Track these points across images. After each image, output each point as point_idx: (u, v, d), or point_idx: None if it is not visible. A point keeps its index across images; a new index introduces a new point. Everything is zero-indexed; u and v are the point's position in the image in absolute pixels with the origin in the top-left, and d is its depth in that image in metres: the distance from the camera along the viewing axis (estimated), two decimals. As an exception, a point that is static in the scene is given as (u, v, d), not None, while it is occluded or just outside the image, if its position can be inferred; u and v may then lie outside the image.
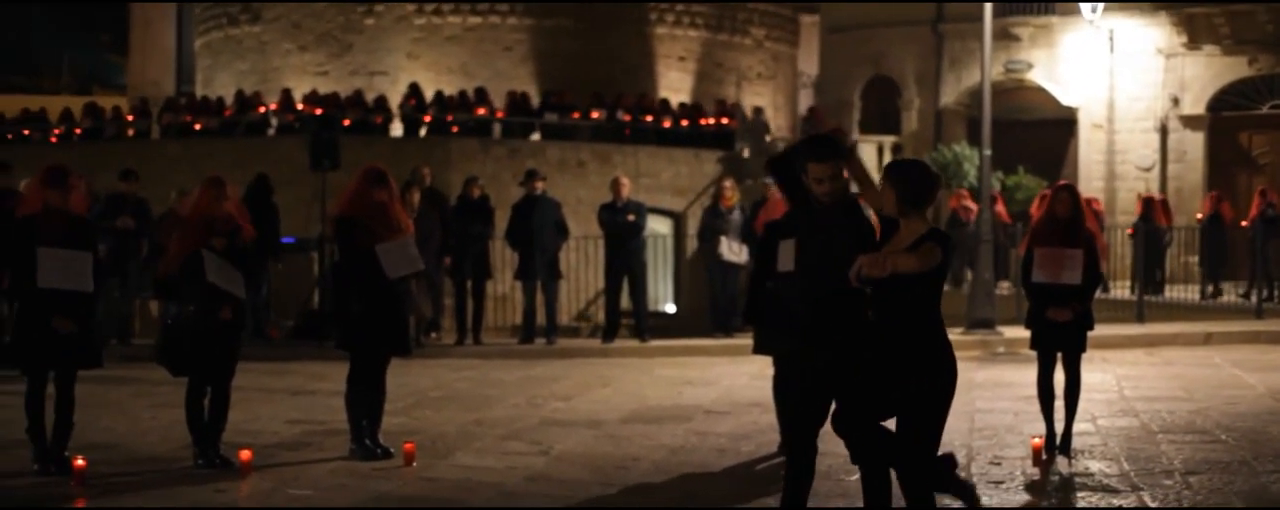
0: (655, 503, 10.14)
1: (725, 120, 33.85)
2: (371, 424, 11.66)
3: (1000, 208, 28.95)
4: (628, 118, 33.32)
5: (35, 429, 10.84)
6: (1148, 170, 34.49)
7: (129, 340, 19.37)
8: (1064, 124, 35.99)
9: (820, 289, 8.33)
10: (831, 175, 8.33)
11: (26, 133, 36.89)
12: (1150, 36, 34.83)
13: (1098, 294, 12.88)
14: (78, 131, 36.04)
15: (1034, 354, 12.03)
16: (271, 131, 33.44)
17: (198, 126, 34.36)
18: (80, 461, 10.47)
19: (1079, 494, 10.16)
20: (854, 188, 8.60)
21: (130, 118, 36.49)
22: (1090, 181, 34.42)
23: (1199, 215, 28.45)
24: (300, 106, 33.41)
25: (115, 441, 12.45)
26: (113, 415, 13.93)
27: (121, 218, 19.56)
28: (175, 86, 45.78)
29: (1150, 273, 25.52)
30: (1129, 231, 26.70)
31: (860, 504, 8.20)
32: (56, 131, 36.65)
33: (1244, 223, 27.01)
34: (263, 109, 34.21)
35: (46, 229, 10.66)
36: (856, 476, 8.03)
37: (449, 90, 34.35)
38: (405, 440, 11.61)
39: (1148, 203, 27.63)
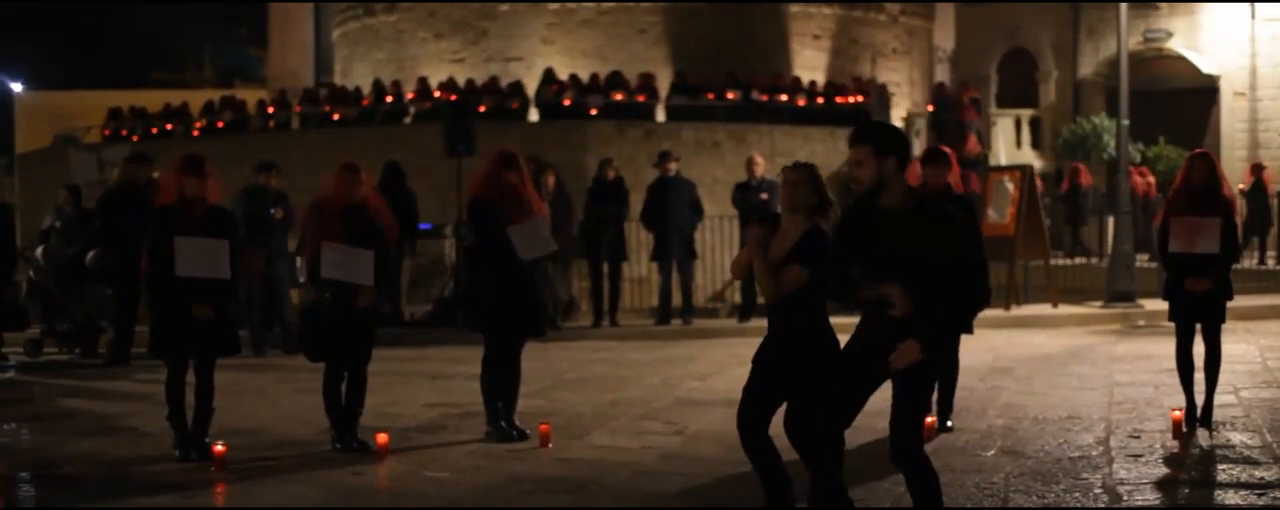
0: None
1: (860, 98, 33.64)
2: (507, 406, 11.72)
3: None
4: (763, 97, 33.22)
5: (176, 415, 11.00)
6: (1292, 138, 33.85)
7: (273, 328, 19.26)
8: (1205, 93, 35.33)
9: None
10: (859, 160, 7.40)
11: (170, 127, 37.48)
12: (1293, 0, 34.15)
13: (1251, 264, 12.63)
14: (220, 124, 36.54)
15: (1174, 326, 11.87)
16: (408, 119, 33.70)
17: (336, 116, 34.67)
18: (220, 447, 10.63)
19: (1219, 466, 10.02)
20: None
21: (271, 109, 36.92)
22: (1233, 150, 33.83)
23: (1242, 186, 27.62)
24: (437, 94, 33.62)
25: (256, 427, 12.63)
26: (254, 401, 14.13)
27: (275, 209, 18.84)
28: (314, 77, 46.34)
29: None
30: (1241, 188, 26.04)
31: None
32: (198, 125, 37.19)
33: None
34: (390, 98, 34.49)
35: (183, 218, 10.79)
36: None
37: (583, 74, 34.44)
38: (541, 421, 11.66)
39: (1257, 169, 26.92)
